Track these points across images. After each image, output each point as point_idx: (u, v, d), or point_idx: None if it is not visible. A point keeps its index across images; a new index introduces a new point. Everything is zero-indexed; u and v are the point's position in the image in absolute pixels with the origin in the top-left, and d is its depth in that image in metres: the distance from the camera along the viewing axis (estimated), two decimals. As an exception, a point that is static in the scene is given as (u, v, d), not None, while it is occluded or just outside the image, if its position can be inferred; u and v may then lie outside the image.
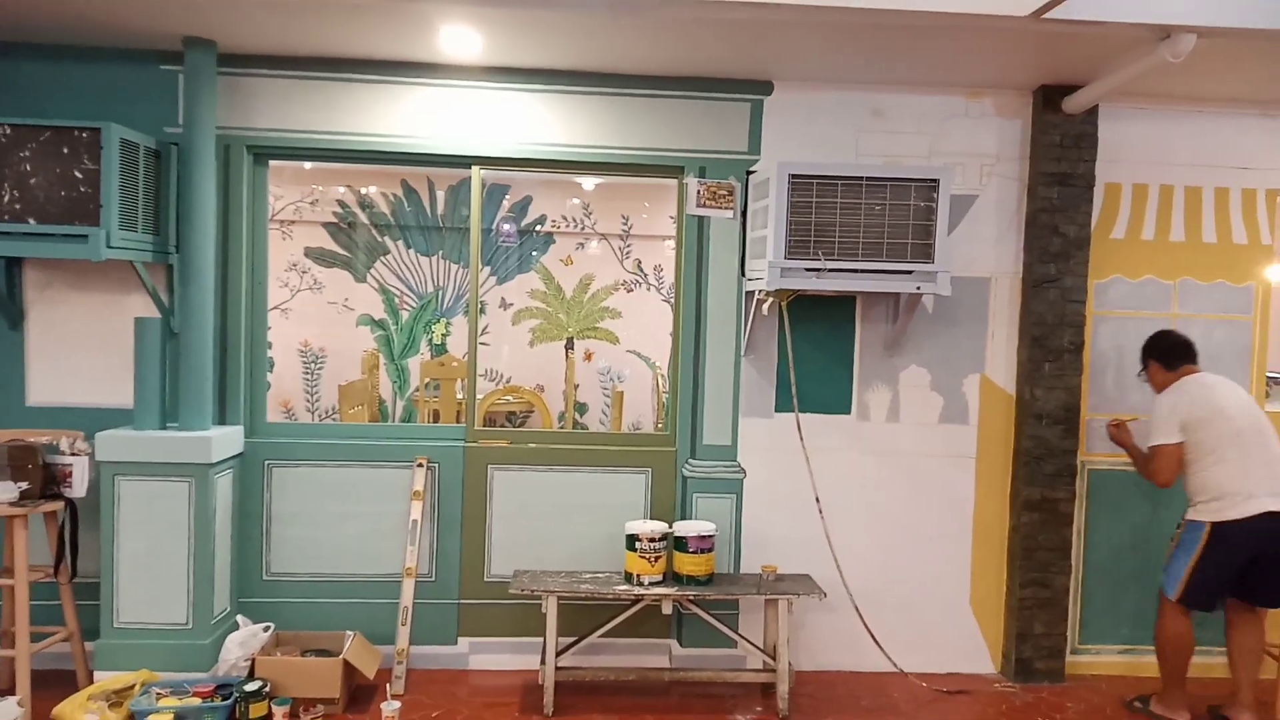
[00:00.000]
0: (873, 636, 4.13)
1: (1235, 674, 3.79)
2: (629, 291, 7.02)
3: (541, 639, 3.78)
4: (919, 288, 3.75)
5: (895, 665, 4.17)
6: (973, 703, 4.01)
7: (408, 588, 3.93)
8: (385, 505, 4.09)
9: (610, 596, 3.80)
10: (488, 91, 4.03)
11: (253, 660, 3.68)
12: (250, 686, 3.49)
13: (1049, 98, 4.06)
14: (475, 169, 4.14)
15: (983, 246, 4.23)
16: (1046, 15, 3.16)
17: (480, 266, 4.25)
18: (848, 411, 4.27)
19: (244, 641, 3.74)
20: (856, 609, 4.13)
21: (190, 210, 3.79)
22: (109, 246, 3.48)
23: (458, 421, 4.24)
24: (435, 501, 4.13)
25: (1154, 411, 3.81)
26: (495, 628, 4.15)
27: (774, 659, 3.87)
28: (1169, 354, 3.86)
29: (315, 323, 6.80)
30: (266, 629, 3.84)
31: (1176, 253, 4.27)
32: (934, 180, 3.70)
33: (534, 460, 4.18)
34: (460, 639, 4.15)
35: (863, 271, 3.71)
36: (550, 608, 3.74)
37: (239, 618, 3.92)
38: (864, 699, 3.99)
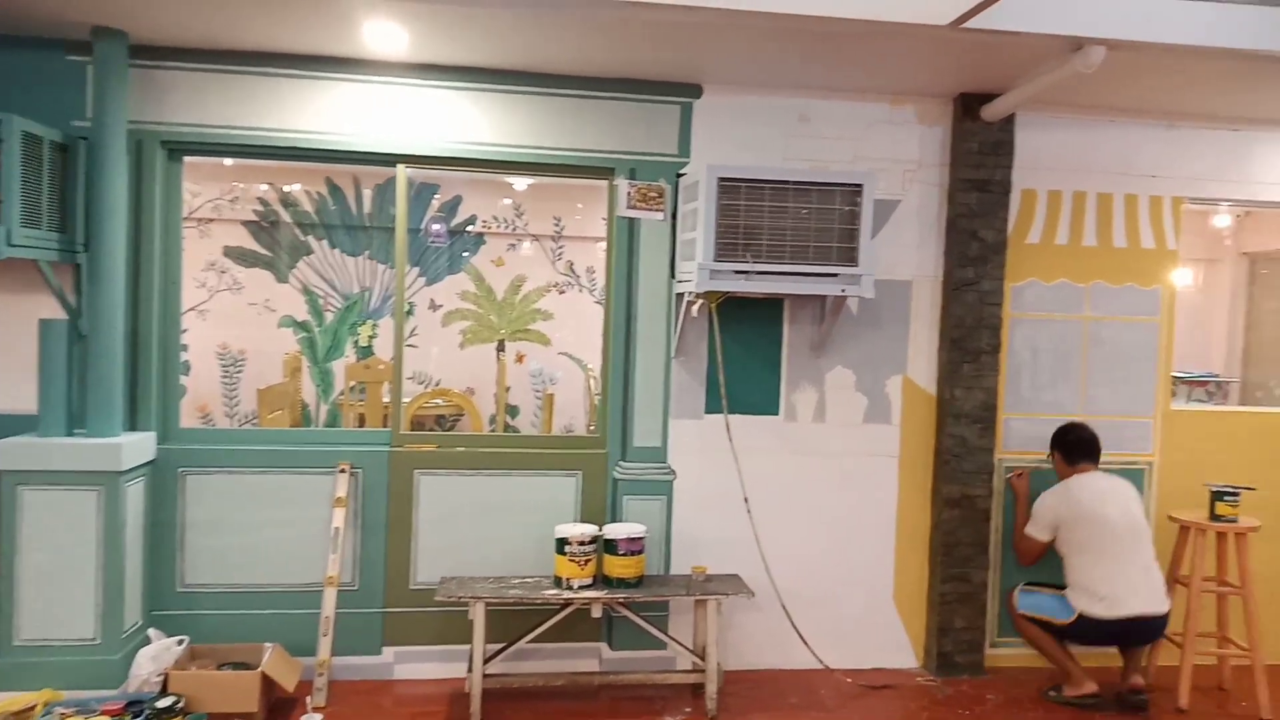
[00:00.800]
0: (799, 634, 4.18)
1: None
2: (561, 293, 6.98)
3: (469, 646, 3.73)
4: (844, 290, 3.81)
5: (821, 662, 4.24)
6: (896, 697, 4.10)
7: (329, 597, 3.83)
8: (306, 512, 3.98)
9: (539, 601, 3.77)
10: (415, 89, 3.96)
11: (165, 675, 3.54)
12: (163, 703, 3.36)
13: (968, 106, 4.17)
14: (401, 167, 4.07)
15: (905, 250, 4.33)
16: (965, 25, 3.24)
17: (407, 267, 4.18)
18: (776, 412, 4.31)
19: (156, 656, 3.60)
20: (784, 607, 4.18)
21: (99, 207, 3.63)
22: (10, 244, 3.30)
23: (384, 426, 4.16)
24: (359, 508, 4.04)
25: (1040, 501, 4.05)
26: (421, 636, 4.08)
27: (703, 659, 3.89)
28: (1071, 449, 4.07)
29: (235, 324, 6.58)
30: (180, 642, 3.70)
31: (1088, 257, 4.43)
32: (858, 185, 3.76)
33: (462, 464, 4.12)
34: (385, 648, 4.07)
35: (789, 274, 3.75)
36: (477, 614, 3.69)
37: (151, 631, 3.77)
38: (791, 696, 4.04)
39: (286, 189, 6.56)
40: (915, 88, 4.17)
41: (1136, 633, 3.93)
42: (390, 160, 4.05)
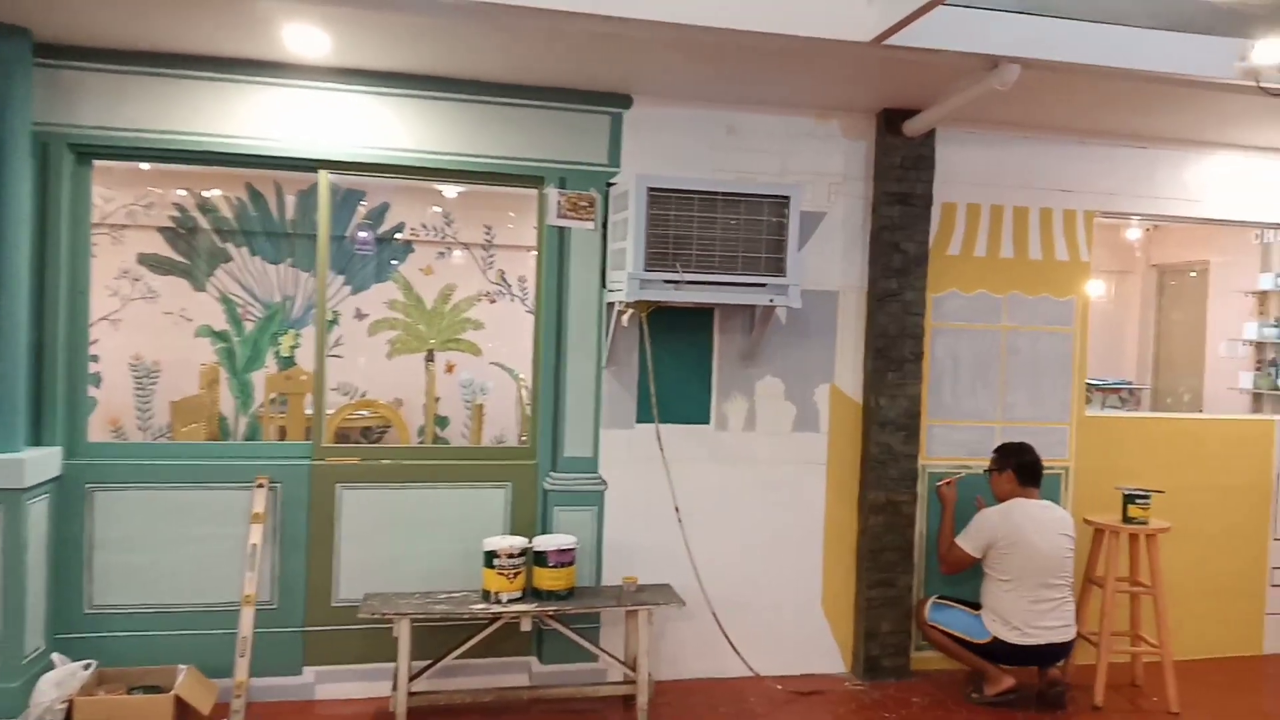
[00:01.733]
0: (730, 643, 4.20)
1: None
2: (492, 302, 6.92)
3: (394, 664, 3.64)
4: (772, 300, 3.85)
5: (752, 669, 4.26)
6: (824, 702, 4.14)
7: (246, 616, 3.70)
8: (223, 529, 3.84)
9: (467, 616, 3.70)
10: (338, 93, 3.88)
11: (70, 702, 3.37)
12: (66, 732, 3.19)
13: (891, 121, 4.27)
14: (323, 173, 3.97)
15: (831, 261, 4.40)
16: (886, 42, 3.32)
17: (332, 274, 4.08)
18: (707, 421, 4.33)
19: (60, 682, 3.42)
20: (715, 616, 4.19)
21: (0, 212, 3.45)
22: (-103, 250, 3.12)
23: (306, 439, 4.05)
24: (278, 523, 3.91)
25: (982, 518, 4.11)
26: (344, 654, 3.96)
27: (634, 671, 3.87)
28: (1027, 471, 4.13)
29: (149, 334, 6.35)
30: (87, 666, 3.53)
31: (1006, 268, 4.57)
32: (785, 197, 3.81)
33: (387, 477, 4.03)
34: (305, 668, 3.94)
35: (719, 284, 3.77)
36: (402, 631, 3.61)
37: (55, 656, 3.58)
38: (721, 705, 4.04)
39: (205, 194, 6.36)
40: (840, 103, 4.25)
41: (1047, 657, 4.09)
42: (312, 165, 3.96)
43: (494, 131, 4.00)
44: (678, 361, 4.27)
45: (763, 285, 3.82)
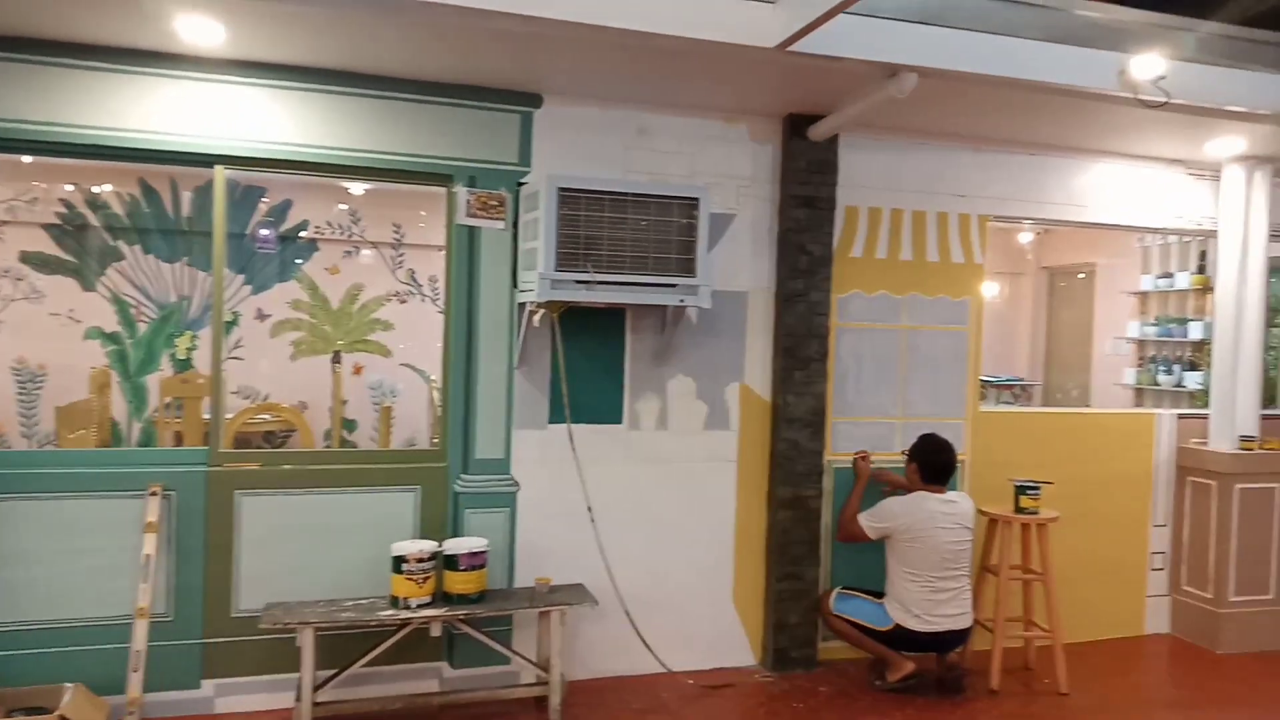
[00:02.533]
0: (643, 640, 4.23)
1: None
2: (402, 303, 6.79)
3: (298, 675, 3.54)
4: (682, 301, 3.89)
5: (664, 665, 4.30)
6: (735, 695, 4.21)
7: (140, 630, 3.54)
8: (114, 540, 3.66)
9: (374, 623, 3.63)
10: (235, 87, 3.75)
11: (-57, 729, 3.16)
12: (-62, 760, 3.00)
13: (796, 126, 4.37)
14: (219, 168, 3.83)
15: (741, 263, 4.47)
16: (791, 48, 3.39)
17: (232, 274, 3.93)
18: (619, 421, 4.35)
19: (-69, 708, 3.21)
20: (628, 614, 4.21)
21: None
22: None
23: (205, 444, 3.90)
24: (173, 532, 3.76)
25: (887, 506, 4.24)
26: (245, 666, 3.83)
27: (547, 672, 3.86)
28: (936, 472, 4.27)
29: (33, 337, 6.00)
30: (-38, 690, 3.32)
31: (906, 270, 4.73)
32: (694, 199, 3.85)
33: (290, 483, 3.91)
34: (204, 681, 3.80)
35: (630, 284, 3.79)
36: (306, 640, 3.51)
37: (-75, 680, 3.37)
38: (635, 702, 4.07)
39: (95, 190, 6.05)
40: (748, 107, 4.33)
41: (946, 643, 4.27)
42: (208, 161, 3.81)
43: (401, 128, 3.93)
44: (590, 361, 4.27)
45: (673, 286, 3.86)
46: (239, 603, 3.84)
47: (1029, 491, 4.45)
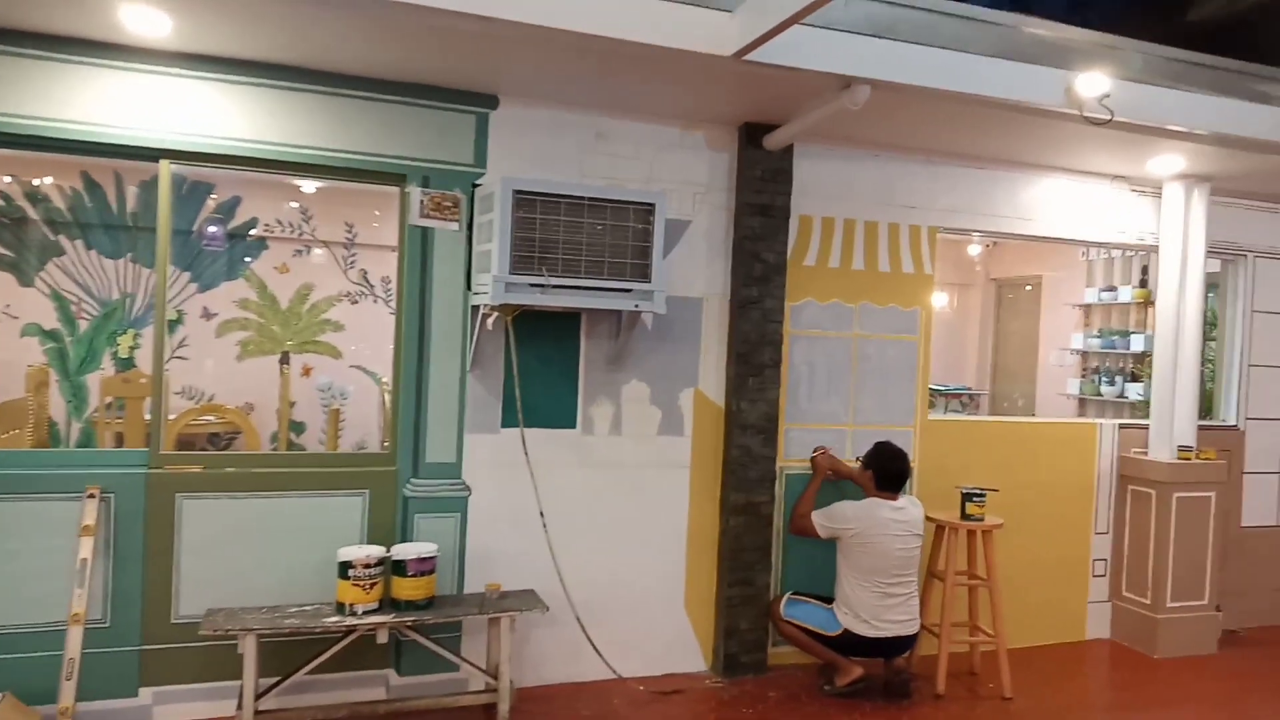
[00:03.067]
0: (593, 645, 4.21)
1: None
2: (354, 303, 6.68)
3: (240, 682, 3.46)
4: (637, 306, 3.89)
5: (615, 672, 4.28)
6: (685, 701, 4.21)
7: (74, 636, 3.43)
8: (48, 542, 3.55)
9: (319, 630, 3.56)
10: (183, 80, 3.66)
11: None
12: None
13: (752, 134, 4.40)
14: (164, 163, 3.74)
15: (696, 269, 4.49)
16: (747, 57, 3.42)
17: (178, 271, 3.83)
18: (573, 426, 4.33)
19: None
20: (579, 620, 4.19)
21: None
22: None
23: (146, 445, 3.78)
24: (111, 536, 3.65)
25: (840, 509, 4.29)
26: (184, 674, 3.73)
27: (496, 678, 3.82)
28: (884, 477, 4.32)
29: (-35, 332, 5.80)
30: (-119, 701, 3.18)
31: (857, 279, 4.78)
32: (651, 204, 3.85)
33: (233, 486, 3.82)
34: (141, 689, 3.69)
35: (585, 289, 3.78)
36: (248, 647, 3.43)
37: None
38: (584, 709, 4.05)
39: (35, 182, 5.87)
40: (705, 114, 4.35)
41: (894, 648, 4.32)
42: (153, 155, 3.72)
43: (353, 126, 3.88)
44: (544, 365, 4.25)
45: (629, 291, 3.85)
46: (179, 608, 3.74)
47: (975, 499, 4.53)
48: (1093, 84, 3.87)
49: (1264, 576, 5.80)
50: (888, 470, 4.31)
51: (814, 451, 4.56)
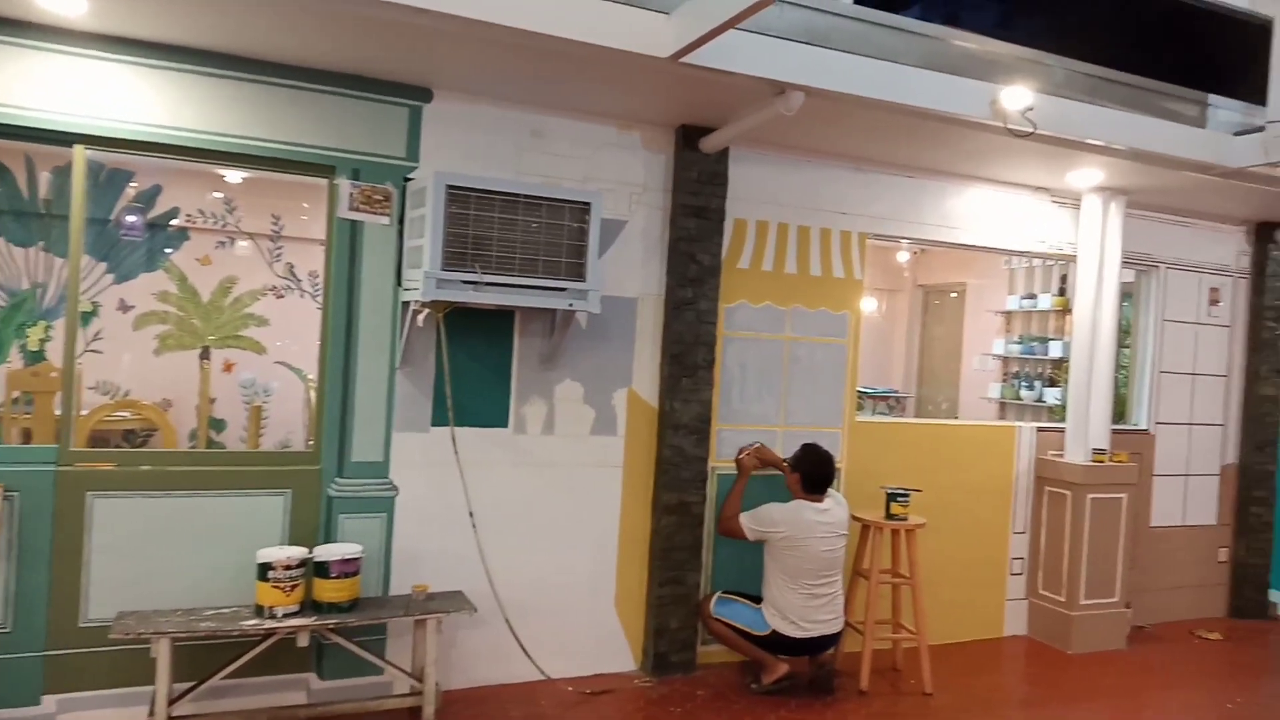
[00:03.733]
0: (522, 647, 4.18)
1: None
2: (280, 297, 6.50)
3: (153, 688, 3.33)
4: (571, 305, 3.87)
5: (544, 673, 4.26)
6: (614, 701, 4.21)
7: (-28, 642, 3.27)
8: (-56, 544, 3.37)
9: (237, 633, 3.45)
10: (100, 63, 3.52)
11: None
12: None
13: (689, 137, 4.43)
14: (79, 148, 3.58)
15: (631, 269, 4.49)
16: (684, 60, 3.43)
17: (91, 261, 3.67)
18: (505, 425, 4.29)
19: None
20: (508, 621, 4.16)
21: None
22: None
23: (56, 442, 3.61)
24: (14, 536, 3.48)
25: (768, 511, 4.33)
26: (93, 680, 3.58)
27: (422, 682, 3.76)
28: (810, 481, 4.37)
29: None
30: None
31: (790, 283, 4.85)
32: (587, 204, 3.84)
33: (148, 484, 3.68)
34: (45, 697, 3.53)
35: (519, 287, 3.75)
36: (161, 651, 3.31)
37: None
38: (512, 710, 4.01)
39: (-64, 164, 5.57)
40: (642, 115, 4.36)
41: (819, 646, 4.40)
42: (67, 139, 3.56)
43: (280, 115, 3.77)
44: (476, 363, 4.20)
45: (563, 289, 3.83)
46: (87, 612, 3.59)
47: (899, 499, 4.63)
48: (1017, 97, 4.00)
49: (1170, 574, 6.07)
50: (814, 474, 4.38)
51: (739, 452, 4.60)
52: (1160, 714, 4.48)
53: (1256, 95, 4.56)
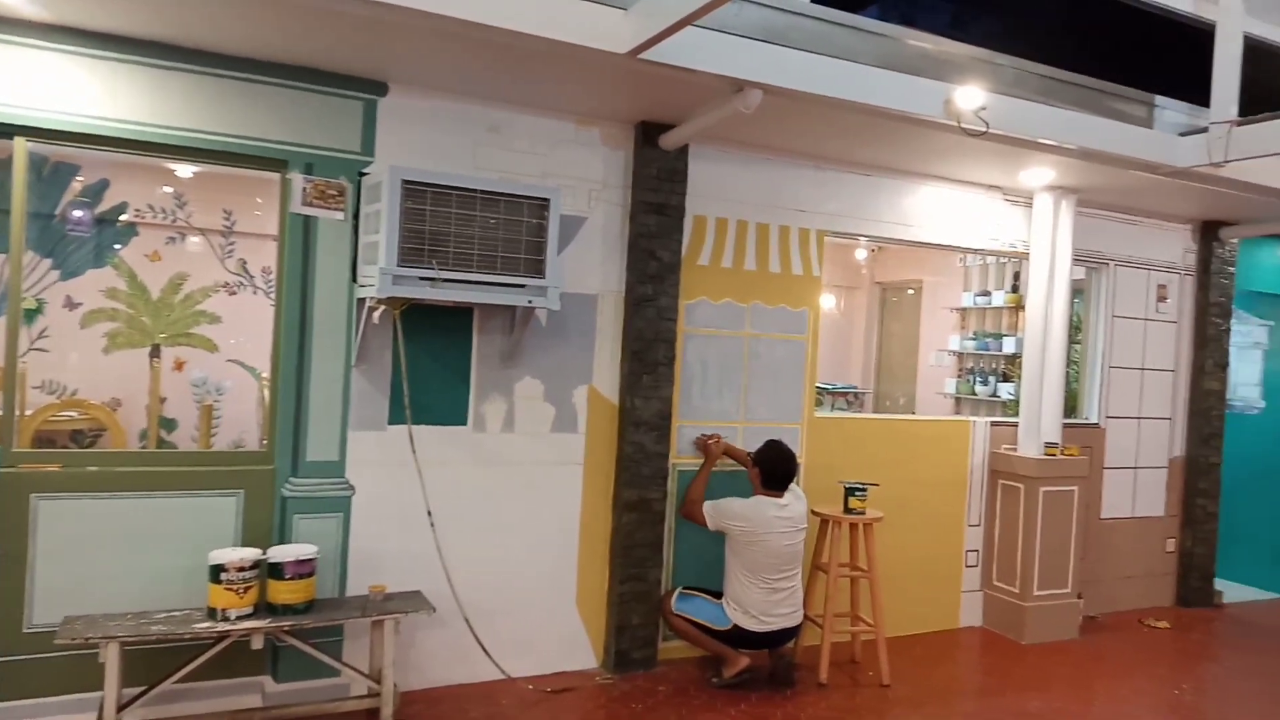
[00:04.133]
0: (482, 646, 4.15)
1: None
2: (232, 294, 6.36)
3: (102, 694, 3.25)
4: (530, 302, 3.85)
5: (504, 672, 4.23)
6: (575, 698, 4.20)
7: (-92, 651, 3.16)
8: (-122, 550, 3.26)
9: (189, 636, 3.38)
10: (42, 52, 3.42)
11: None
12: None
13: (648, 134, 4.42)
14: (19, 140, 3.48)
15: (591, 266, 4.48)
16: (642, 56, 3.43)
17: (35, 257, 3.56)
18: (464, 423, 4.25)
19: None
20: (467, 621, 4.12)
21: None
22: None
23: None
24: (-48, 541, 3.38)
25: (729, 504, 4.36)
26: (38, 687, 3.49)
27: (380, 683, 3.72)
28: (769, 478, 4.40)
29: None
30: None
31: (749, 280, 4.87)
32: (545, 199, 3.82)
33: (96, 486, 3.59)
34: (-13, 706, 3.44)
35: (477, 283, 3.71)
36: (110, 656, 3.23)
37: None
38: (472, 710, 3.98)
39: None
40: (601, 112, 4.34)
41: (780, 639, 4.44)
42: (7, 131, 3.45)
43: (231, 108, 3.70)
44: (434, 361, 4.16)
45: (522, 286, 3.81)
46: (32, 617, 3.49)
47: (857, 493, 4.68)
48: (970, 97, 4.05)
49: (1120, 565, 6.22)
50: (775, 470, 4.41)
51: (709, 438, 4.62)
52: (1110, 701, 4.59)
53: (1201, 97, 4.67)
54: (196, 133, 3.65)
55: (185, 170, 5.86)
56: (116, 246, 6.02)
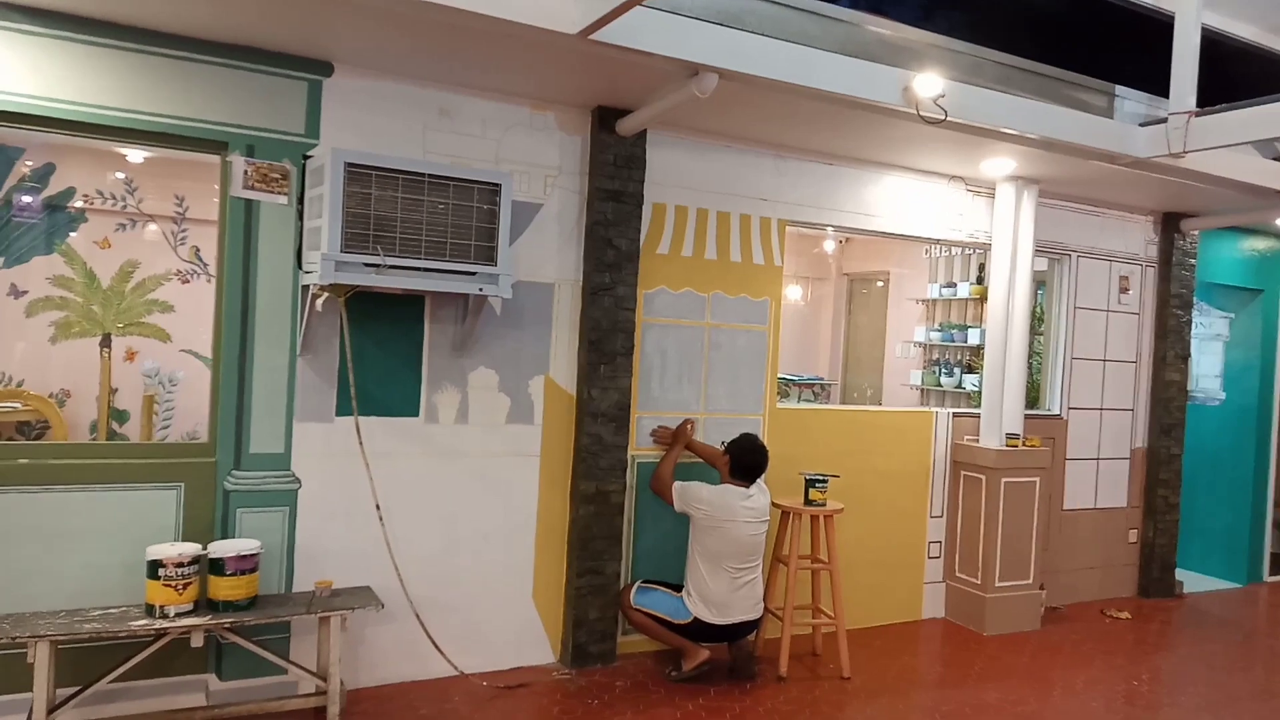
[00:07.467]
0: (433, 642, 4.06)
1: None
2: (185, 282, 6.20)
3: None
4: (481, 290, 3.75)
5: (457, 668, 4.15)
6: (530, 694, 4.13)
7: None
8: None
9: (125, 634, 3.27)
10: (-37, 26, 3.27)
11: None
12: None
13: (605, 119, 4.33)
14: (-57, 120, 3.34)
15: (547, 253, 4.39)
16: (594, 37, 3.34)
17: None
18: (415, 414, 4.16)
19: None
20: (418, 616, 4.03)
21: None
22: None
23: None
24: None
25: (697, 489, 4.32)
26: (-38, 689, 3.37)
27: (327, 681, 3.62)
28: (738, 468, 4.36)
29: None
30: None
31: (710, 269, 4.80)
32: (497, 185, 3.73)
33: (27, 479, 3.46)
34: (-92, 709, 3.31)
35: (425, 270, 3.62)
36: (40, 655, 3.12)
37: None
38: (423, 708, 3.90)
39: None
40: (555, 95, 4.25)
41: (739, 632, 4.40)
42: (-70, 110, 3.31)
43: (167, 88, 3.57)
44: (383, 351, 4.06)
45: (473, 274, 3.72)
46: (-43, 617, 3.36)
47: (818, 484, 4.64)
48: (928, 84, 4.00)
49: (1081, 556, 6.24)
50: (744, 461, 4.36)
51: (686, 423, 4.62)
52: (1069, 692, 4.58)
53: (1160, 88, 4.65)
54: (129, 113, 3.51)
55: (136, 155, 5.70)
56: (71, 233, 5.84)
